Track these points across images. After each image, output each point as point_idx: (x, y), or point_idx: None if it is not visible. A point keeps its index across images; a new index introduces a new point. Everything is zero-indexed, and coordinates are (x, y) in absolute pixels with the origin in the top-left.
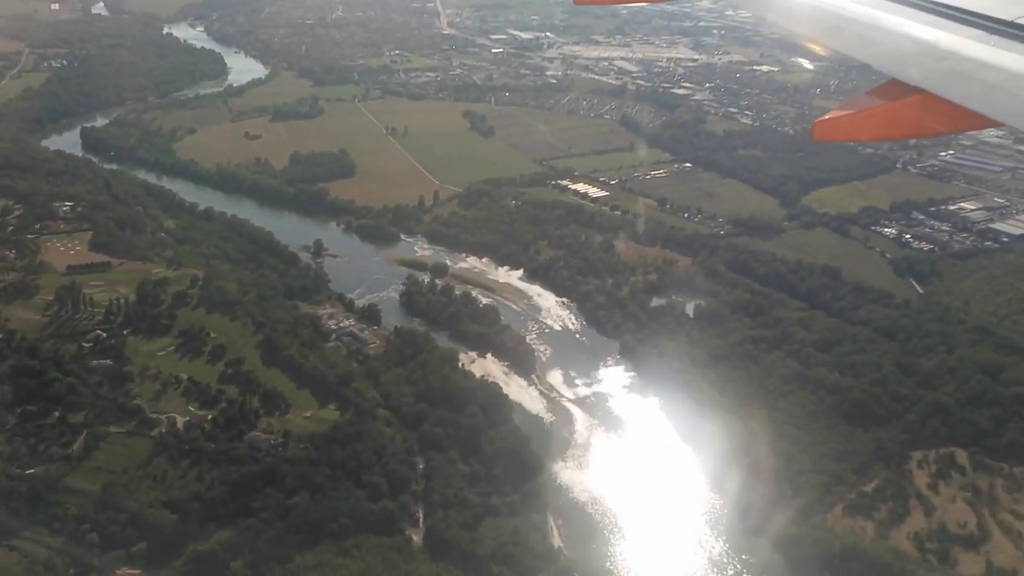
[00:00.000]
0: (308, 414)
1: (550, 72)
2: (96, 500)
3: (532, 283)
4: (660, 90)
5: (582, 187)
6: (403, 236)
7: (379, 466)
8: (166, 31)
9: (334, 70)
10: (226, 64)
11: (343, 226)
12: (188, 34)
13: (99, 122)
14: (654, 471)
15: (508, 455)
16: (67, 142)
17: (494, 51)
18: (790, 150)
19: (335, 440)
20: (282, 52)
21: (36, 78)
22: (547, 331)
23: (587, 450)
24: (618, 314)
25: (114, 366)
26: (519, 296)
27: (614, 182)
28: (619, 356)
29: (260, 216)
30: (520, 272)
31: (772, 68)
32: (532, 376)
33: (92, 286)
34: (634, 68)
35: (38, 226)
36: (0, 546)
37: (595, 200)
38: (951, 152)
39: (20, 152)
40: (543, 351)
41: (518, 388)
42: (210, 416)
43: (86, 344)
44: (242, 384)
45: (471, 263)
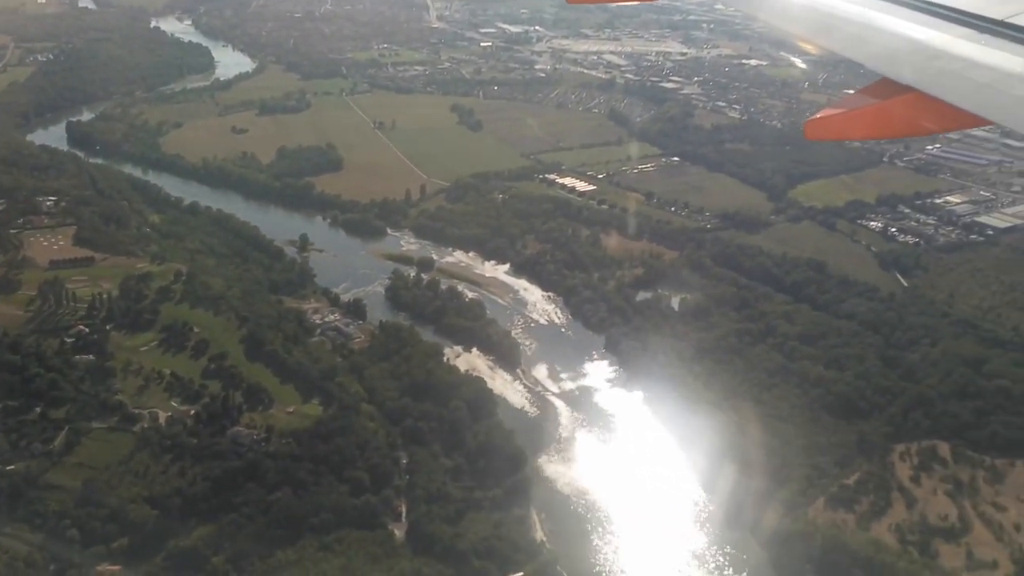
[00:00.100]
0: (291, 409)
1: (539, 66)
2: (77, 496)
3: (518, 277)
4: (649, 84)
5: (570, 181)
6: (389, 230)
7: (362, 461)
8: (153, 25)
9: (322, 64)
10: (213, 58)
11: (329, 220)
12: (176, 28)
13: (85, 116)
14: (638, 465)
15: (492, 449)
16: (53, 136)
17: (483, 45)
18: (778, 144)
19: (318, 435)
20: (270, 46)
21: (22, 72)
22: (533, 325)
23: (571, 444)
24: (604, 308)
25: (96, 361)
26: (505, 290)
27: (602, 176)
28: (604, 350)
29: (246, 210)
30: (507, 266)
31: (761, 62)
32: (517, 370)
33: (75, 281)
34: (623, 62)
35: (21, 221)
36: None
37: (582, 194)
38: (938, 146)
39: (4, 146)
40: (528, 345)
41: (503, 382)
42: (193, 411)
43: (68, 339)
44: (225, 379)
45: (457, 257)
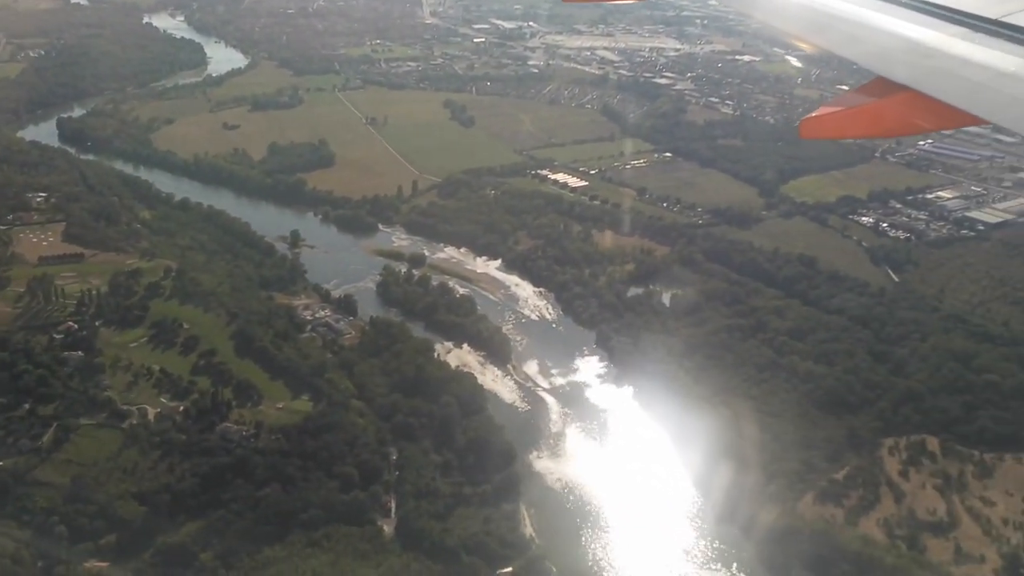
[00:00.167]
0: (280, 405)
1: (532, 62)
2: (65, 492)
3: (510, 273)
4: (642, 80)
5: (562, 177)
6: (381, 226)
7: (351, 457)
8: (146, 21)
9: (314, 60)
10: (206, 54)
11: (321, 216)
12: (168, 24)
13: (76, 113)
14: (627, 460)
15: (481, 445)
16: (44, 133)
17: (476, 41)
18: (770, 139)
19: (307, 431)
20: (262, 42)
21: (13, 68)
22: (524, 321)
23: (561, 439)
24: (595, 304)
25: (85, 358)
26: (496, 286)
27: (594, 172)
28: (595, 346)
29: (237, 207)
30: (498, 262)
31: (754, 58)
32: (508, 366)
33: (64, 277)
34: (616, 58)
35: (11, 217)
36: None
37: (575, 190)
38: (930, 142)
39: None
40: (519, 341)
41: (493, 378)
42: (181, 407)
43: (57, 336)
44: (214, 375)
45: (449, 253)
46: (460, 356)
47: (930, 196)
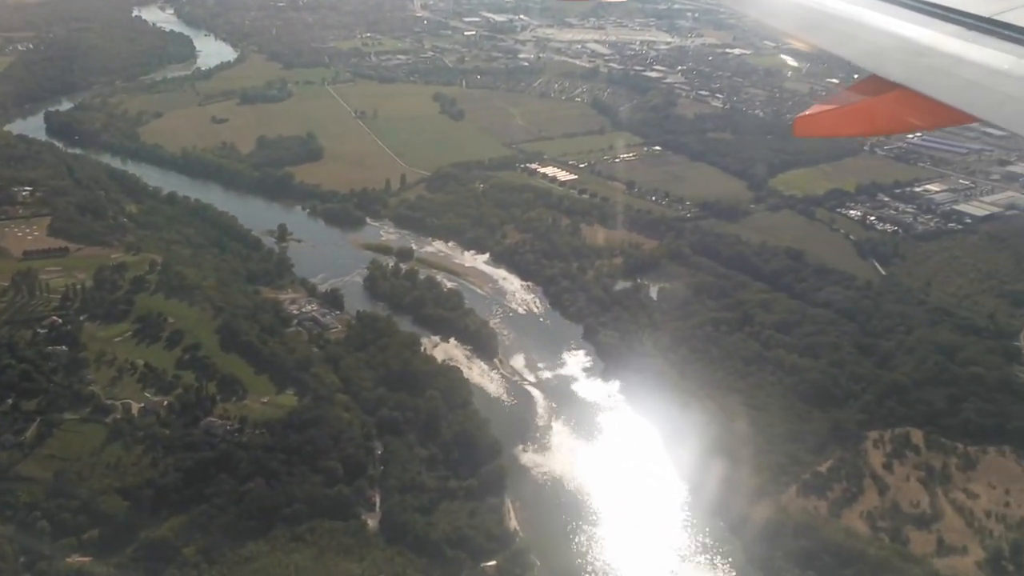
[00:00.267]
0: (265, 399)
1: (523, 55)
2: (48, 487)
3: (498, 267)
4: (632, 73)
5: (551, 170)
6: (369, 220)
7: (336, 451)
8: (135, 14)
9: (304, 53)
10: (195, 47)
11: (308, 210)
12: (158, 17)
13: (65, 106)
14: (613, 454)
15: (467, 439)
16: (31, 127)
17: (467, 34)
18: (759, 133)
19: (292, 425)
20: (252, 35)
21: (1, 62)
22: (511, 315)
23: (547, 433)
24: (582, 297)
25: (69, 352)
26: (484, 280)
27: (583, 165)
28: (582, 339)
29: (225, 200)
30: (486, 256)
31: (745, 51)
32: (494, 360)
33: (49, 271)
34: (607, 51)
35: None
36: None
37: (563, 183)
38: (918, 134)
39: None
40: (506, 335)
41: (480, 372)
42: (166, 402)
43: (41, 330)
44: (199, 370)
45: (437, 247)
46: (447, 350)
47: (918, 189)
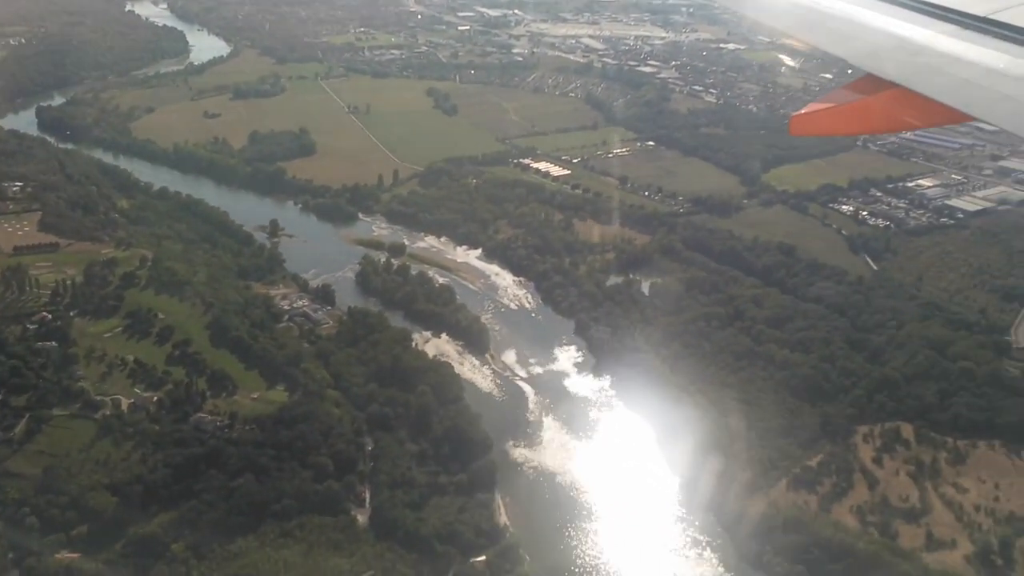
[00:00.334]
0: (255, 395)
1: (517, 50)
2: (37, 483)
3: (490, 262)
4: (626, 68)
5: (544, 166)
6: (361, 215)
7: (326, 447)
8: (128, 8)
9: (297, 48)
10: (188, 42)
11: (300, 206)
12: (150, 11)
13: (57, 101)
14: (604, 449)
15: (457, 434)
16: (23, 122)
17: (461, 29)
18: (753, 128)
19: (281, 421)
20: (245, 29)
21: None
22: (503, 310)
23: (538, 428)
24: (574, 293)
25: (59, 348)
26: (476, 275)
27: (576, 161)
28: (574, 335)
29: (217, 196)
30: (478, 251)
31: (739, 46)
32: (486, 355)
33: (39, 267)
34: (601, 46)
35: None
36: None
37: (557, 179)
38: None
39: None
40: (498, 330)
41: (471, 367)
42: (155, 398)
43: (31, 326)
44: (189, 365)
45: (429, 242)
46: (438, 345)
47: (911, 184)
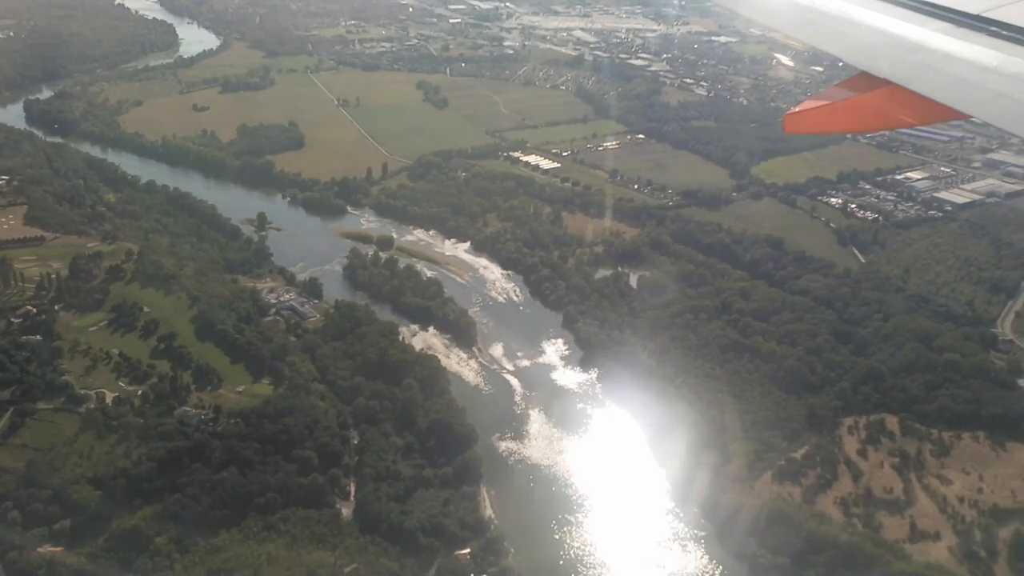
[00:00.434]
0: (241, 388)
1: (508, 43)
2: (20, 477)
3: (478, 255)
4: (617, 61)
5: (534, 159)
6: (350, 209)
7: (311, 440)
8: (117, 2)
9: (288, 41)
10: (177, 35)
11: (289, 199)
12: (140, 4)
13: (44, 95)
14: (589, 441)
15: (443, 427)
16: (10, 115)
17: (452, 21)
18: (743, 121)
19: (266, 415)
20: (235, 22)
21: None
22: (491, 303)
23: (524, 421)
24: (562, 286)
25: (44, 342)
26: (464, 269)
27: (566, 154)
28: (561, 328)
29: (205, 189)
30: (467, 245)
31: (730, 39)
32: (473, 348)
33: (24, 261)
34: (592, 39)
35: None
36: None
37: (546, 172)
38: None
39: None
40: (485, 323)
41: (458, 361)
42: (140, 392)
43: (15, 320)
44: (174, 359)
45: (418, 236)
46: (425, 339)
47: (899, 177)
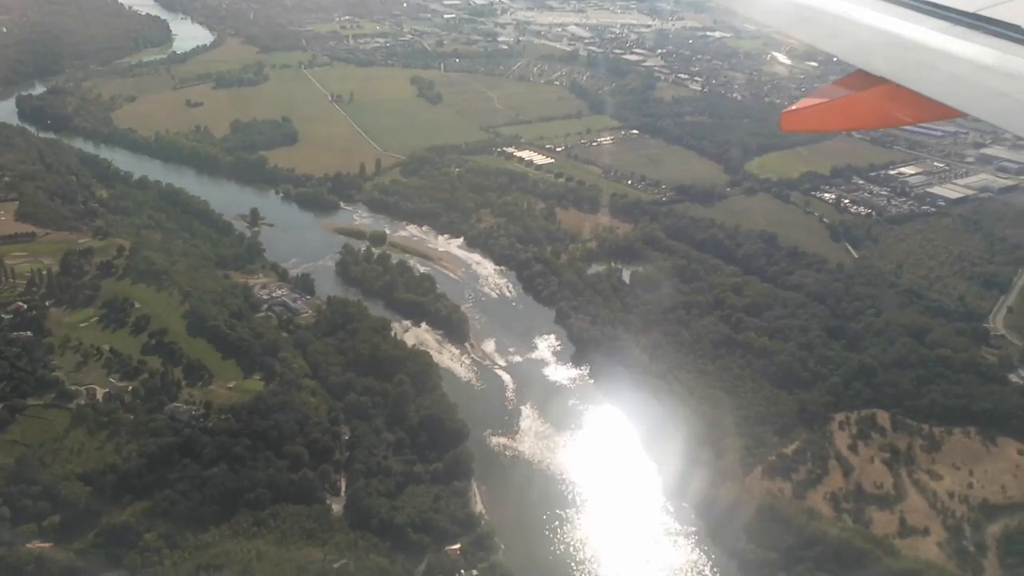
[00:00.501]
0: (232, 384)
1: (502, 38)
2: (9, 473)
3: (471, 251)
4: (612, 56)
5: (527, 154)
6: (343, 204)
7: (302, 436)
8: None
9: (282, 36)
10: (171, 31)
11: (282, 195)
12: (134, 0)
13: (37, 90)
14: (581, 437)
15: (434, 423)
16: (3, 111)
17: (447, 16)
18: (737, 116)
19: (257, 410)
20: (229, 18)
21: None
22: (483, 299)
23: (515, 417)
24: (555, 282)
25: (34, 338)
26: (457, 264)
27: (560, 149)
28: (554, 323)
29: (198, 185)
30: (460, 240)
31: (725, 34)
32: (465, 344)
33: (15, 257)
34: (587, 34)
35: None
36: None
37: (540, 167)
38: None
39: None
40: (478, 319)
41: (450, 356)
42: (130, 387)
43: (6, 315)
44: (165, 355)
45: (411, 231)
46: (418, 335)
47: (893, 172)
